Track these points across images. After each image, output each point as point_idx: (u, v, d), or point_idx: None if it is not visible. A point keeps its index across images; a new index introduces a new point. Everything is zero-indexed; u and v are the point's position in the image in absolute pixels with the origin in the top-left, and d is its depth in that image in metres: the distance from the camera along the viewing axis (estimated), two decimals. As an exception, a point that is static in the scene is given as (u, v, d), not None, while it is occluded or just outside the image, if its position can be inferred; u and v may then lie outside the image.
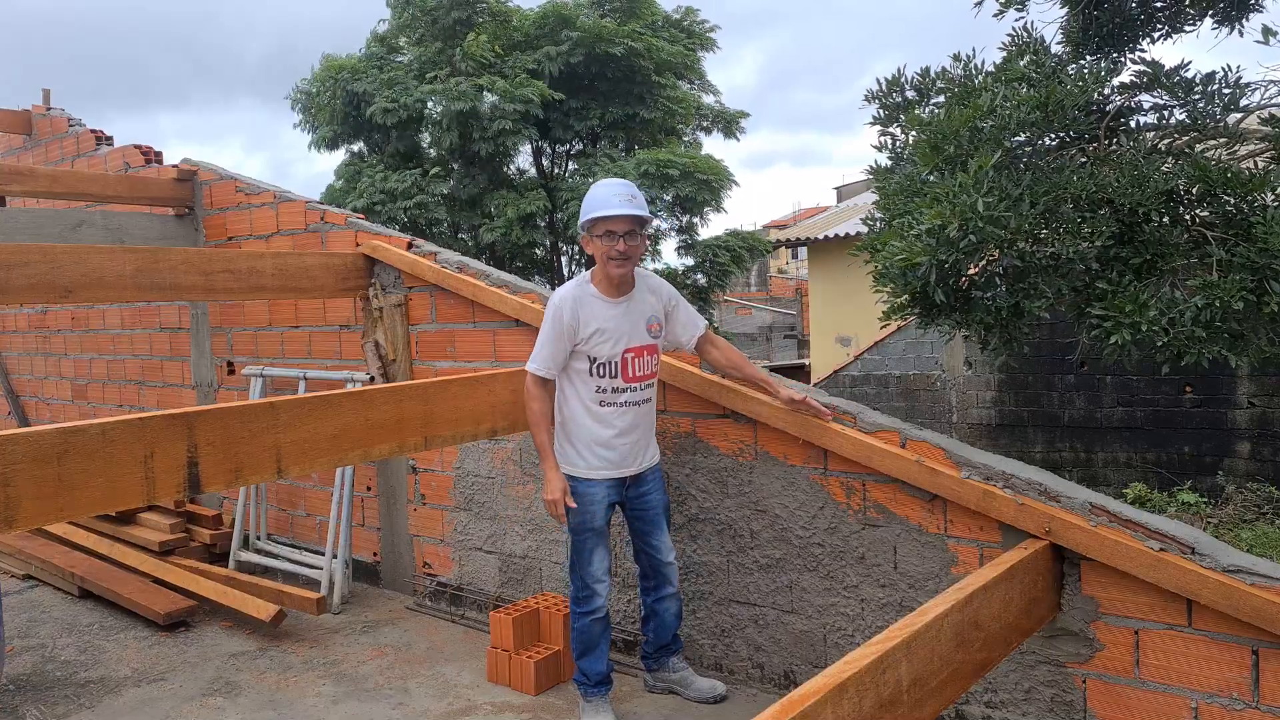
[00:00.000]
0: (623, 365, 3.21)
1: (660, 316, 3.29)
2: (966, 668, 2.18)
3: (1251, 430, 7.82)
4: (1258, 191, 2.57)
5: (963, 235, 2.56)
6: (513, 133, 12.41)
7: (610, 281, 3.19)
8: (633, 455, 3.28)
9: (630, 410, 3.24)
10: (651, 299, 3.28)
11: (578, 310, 3.18)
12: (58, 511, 2.24)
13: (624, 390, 3.22)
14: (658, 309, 3.29)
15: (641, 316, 3.24)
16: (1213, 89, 2.85)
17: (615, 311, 3.20)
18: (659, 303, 3.30)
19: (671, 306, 3.32)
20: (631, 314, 3.22)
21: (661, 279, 3.37)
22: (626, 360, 3.21)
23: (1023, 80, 3.00)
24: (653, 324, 3.26)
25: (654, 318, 3.27)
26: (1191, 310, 2.47)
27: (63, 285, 3.70)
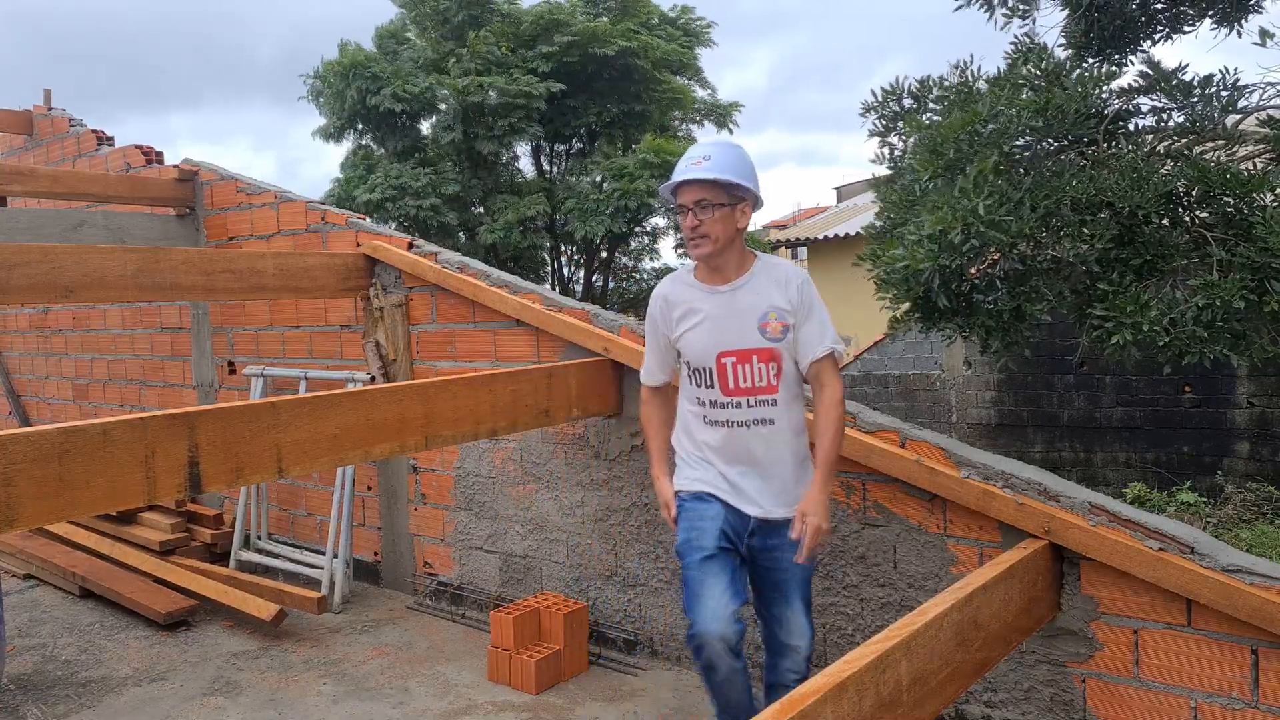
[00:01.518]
0: (719, 373, 2.53)
1: (787, 312, 2.51)
2: (966, 667, 2.18)
3: (1251, 430, 7.82)
4: (1257, 192, 2.58)
5: (965, 239, 2.58)
6: (518, 130, 12.42)
7: (705, 266, 2.60)
8: (755, 493, 2.56)
9: (740, 434, 2.54)
10: (775, 291, 2.52)
11: (670, 299, 2.65)
12: (59, 511, 2.24)
13: (725, 406, 2.53)
14: (781, 302, 2.51)
15: (753, 311, 2.51)
16: (1211, 91, 2.86)
17: (713, 302, 2.55)
18: (784, 296, 2.51)
19: (805, 306, 2.52)
20: (737, 306, 2.52)
21: (800, 270, 2.57)
22: (725, 367, 2.51)
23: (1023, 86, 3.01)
24: (770, 321, 2.50)
25: (774, 312, 2.51)
26: (1193, 310, 2.48)
27: (64, 285, 3.70)
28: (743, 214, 2.51)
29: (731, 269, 2.56)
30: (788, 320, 2.51)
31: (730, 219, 2.49)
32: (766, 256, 2.61)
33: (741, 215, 2.51)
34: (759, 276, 2.55)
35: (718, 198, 2.47)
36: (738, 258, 2.56)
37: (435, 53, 12.98)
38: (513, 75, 12.31)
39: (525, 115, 12.33)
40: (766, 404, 2.52)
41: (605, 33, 12.58)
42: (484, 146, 12.52)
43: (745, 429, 2.54)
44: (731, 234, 2.50)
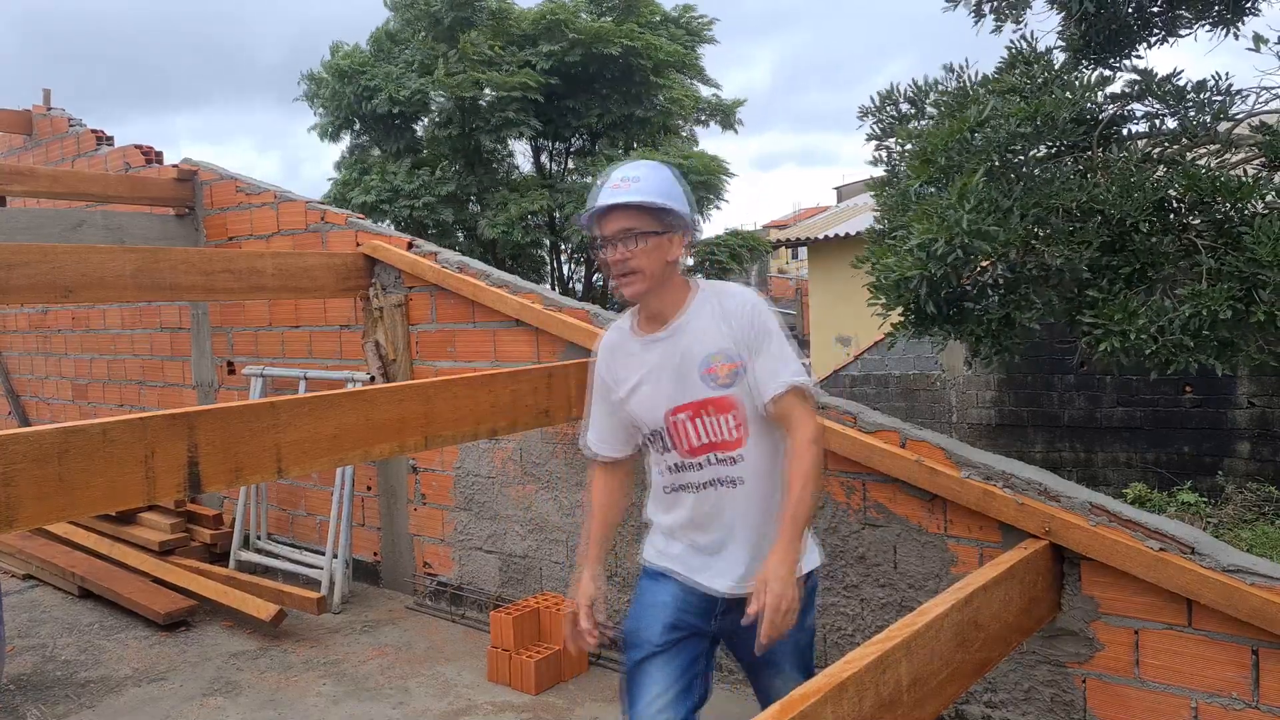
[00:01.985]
0: (673, 432, 2.16)
1: (732, 350, 2.10)
2: (966, 667, 2.18)
3: (1251, 430, 7.82)
4: (1247, 199, 2.58)
5: (950, 250, 2.58)
6: (515, 123, 12.43)
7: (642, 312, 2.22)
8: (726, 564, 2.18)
9: (707, 497, 2.17)
10: (713, 327, 2.12)
11: (612, 355, 2.28)
12: (58, 511, 2.24)
13: (687, 468, 2.17)
14: (724, 340, 2.11)
15: (695, 357, 2.12)
16: (1204, 97, 2.86)
17: (654, 353, 2.17)
18: (729, 331, 2.11)
19: (754, 337, 2.10)
20: (678, 353, 2.14)
21: (747, 295, 2.18)
22: (678, 424, 2.15)
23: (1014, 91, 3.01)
24: (715, 365, 2.11)
25: (718, 354, 2.11)
26: (1180, 319, 2.48)
27: (63, 285, 3.70)
28: (676, 244, 2.12)
29: (669, 309, 2.16)
30: (736, 360, 2.10)
31: (661, 251, 2.09)
32: (707, 285, 2.21)
33: (675, 245, 2.12)
34: (698, 313, 2.15)
35: (647, 225, 2.07)
36: (674, 294, 2.16)
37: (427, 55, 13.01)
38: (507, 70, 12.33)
39: (521, 108, 12.34)
40: (730, 461, 2.14)
41: (609, 33, 12.59)
42: (483, 140, 12.54)
43: (711, 490, 2.16)
44: (660, 269, 2.10)
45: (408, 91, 12.51)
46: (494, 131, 12.50)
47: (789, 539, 1.98)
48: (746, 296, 2.17)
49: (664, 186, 2.11)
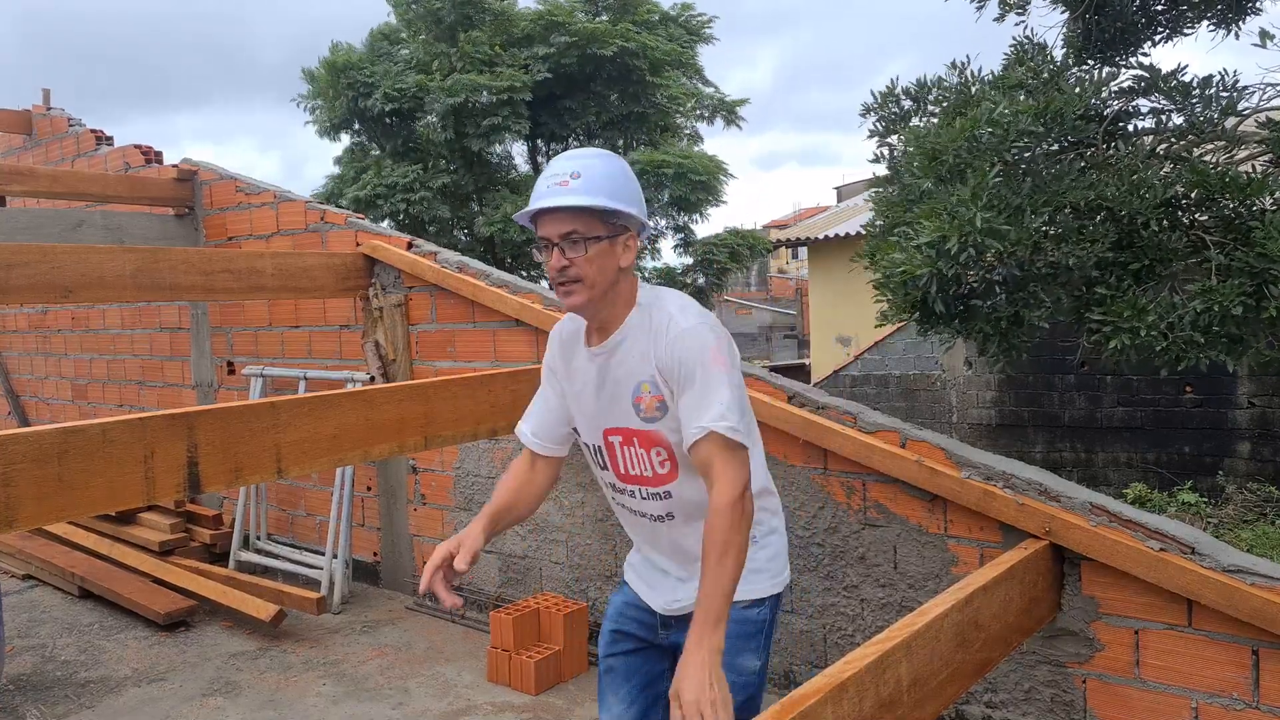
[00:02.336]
0: (609, 453, 2.00)
1: (658, 382, 1.85)
2: (967, 668, 2.18)
3: (1252, 430, 7.82)
4: (1256, 196, 2.57)
5: (962, 248, 2.57)
6: (503, 127, 12.44)
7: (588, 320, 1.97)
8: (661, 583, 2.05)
9: (643, 524, 2.03)
10: (642, 351, 1.86)
11: (565, 348, 2.05)
12: (58, 511, 2.24)
13: (623, 492, 2.02)
14: (650, 368, 1.85)
15: (623, 383, 1.90)
16: (1210, 93, 2.85)
17: (592, 368, 1.96)
18: (653, 358, 1.85)
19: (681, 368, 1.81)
20: (613, 374, 1.92)
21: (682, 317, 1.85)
22: (614, 446, 1.98)
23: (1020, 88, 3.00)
24: (643, 396, 1.87)
25: (646, 384, 1.87)
26: (1190, 315, 2.48)
27: (62, 285, 3.70)
28: (626, 248, 1.86)
29: (612, 322, 1.91)
30: (662, 392, 1.84)
31: (609, 258, 1.83)
32: (647, 296, 1.91)
33: (625, 250, 1.85)
34: (633, 331, 1.88)
35: (592, 229, 1.81)
36: (620, 307, 1.89)
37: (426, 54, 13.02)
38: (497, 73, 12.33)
39: (512, 111, 12.35)
40: (659, 497, 1.94)
41: (604, 33, 12.59)
42: (473, 144, 12.55)
43: (644, 519, 2.01)
44: (612, 276, 1.85)
45: (404, 86, 12.52)
46: (484, 136, 12.51)
47: (702, 629, 1.67)
48: (676, 318, 1.84)
49: (612, 183, 1.82)
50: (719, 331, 1.87)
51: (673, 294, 1.94)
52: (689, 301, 1.92)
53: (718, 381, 1.77)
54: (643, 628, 2.08)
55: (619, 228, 1.85)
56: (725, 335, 1.88)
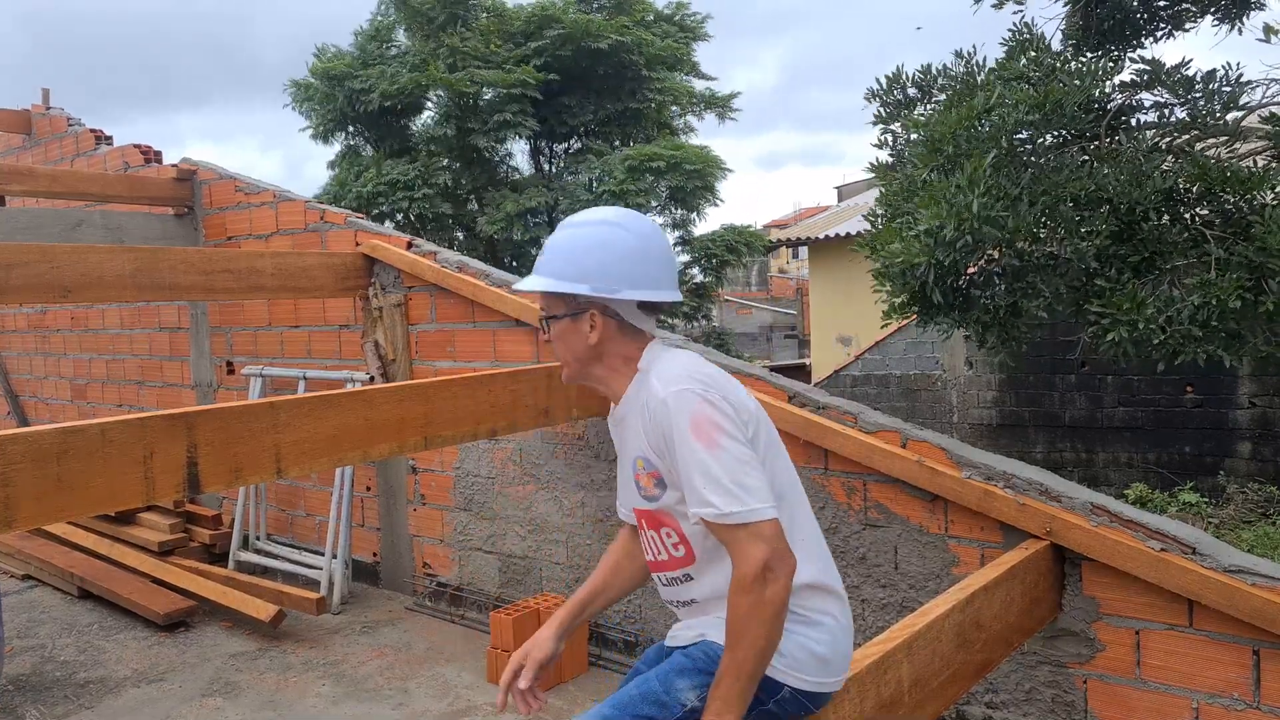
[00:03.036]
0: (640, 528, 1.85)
1: (649, 457, 1.71)
2: (967, 668, 2.17)
3: (1253, 430, 7.81)
4: (1257, 190, 2.57)
5: (959, 236, 2.56)
6: (513, 124, 12.41)
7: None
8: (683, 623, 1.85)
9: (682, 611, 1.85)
10: (637, 424, 1.74)
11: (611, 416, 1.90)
12: (57, 511, 2.23)
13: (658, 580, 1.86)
14: (644, 444, 1.72)
15: (628, 456, 1.80)
16: (1213, 87, 2.85)
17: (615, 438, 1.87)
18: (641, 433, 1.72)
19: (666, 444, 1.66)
20: (624, 445, 1.82)
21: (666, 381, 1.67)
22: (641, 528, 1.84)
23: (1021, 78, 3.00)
24: (639, 473, 1.76)
25: (640, 459, 1.74)
26: (1189, 308, 2.47)
27: (62, 285, 3.69)
28: (592, 327, 1.74)
29: (617, 393, 1.80)
30: (657, 469, 1.70)
31: (575, 335, 1.76)
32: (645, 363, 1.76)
33: (591, 329, 1.74)
34: (631, 404, 1.76)
35: (552, 308, 1.78)
36: (617, 378, 1.78)
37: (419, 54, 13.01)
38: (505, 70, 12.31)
39: (520, 108, 12.32)
40: (684, 580, 1.77)
41: (599, 27, 12.58)
42: (479, 141, 12.52)
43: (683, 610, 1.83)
44: (582, 354, 1.77)
45: (399, 85, 12.50)
46: (491, 132, 12.47)
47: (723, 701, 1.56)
48: (655, 388, 1.67)
49: (568, 261, 1.73)
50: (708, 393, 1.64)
51: (666, 356, 1.75)
52: (678, 361, 1.72)
53: (694, 459, 1.59)
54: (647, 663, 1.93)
55: (580, 305, 1.74)
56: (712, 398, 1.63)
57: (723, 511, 1.55)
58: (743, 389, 1.76)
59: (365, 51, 13.60)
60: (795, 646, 1.67)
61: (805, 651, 1.68)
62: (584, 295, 1.72)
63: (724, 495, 1.55)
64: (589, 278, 1.72)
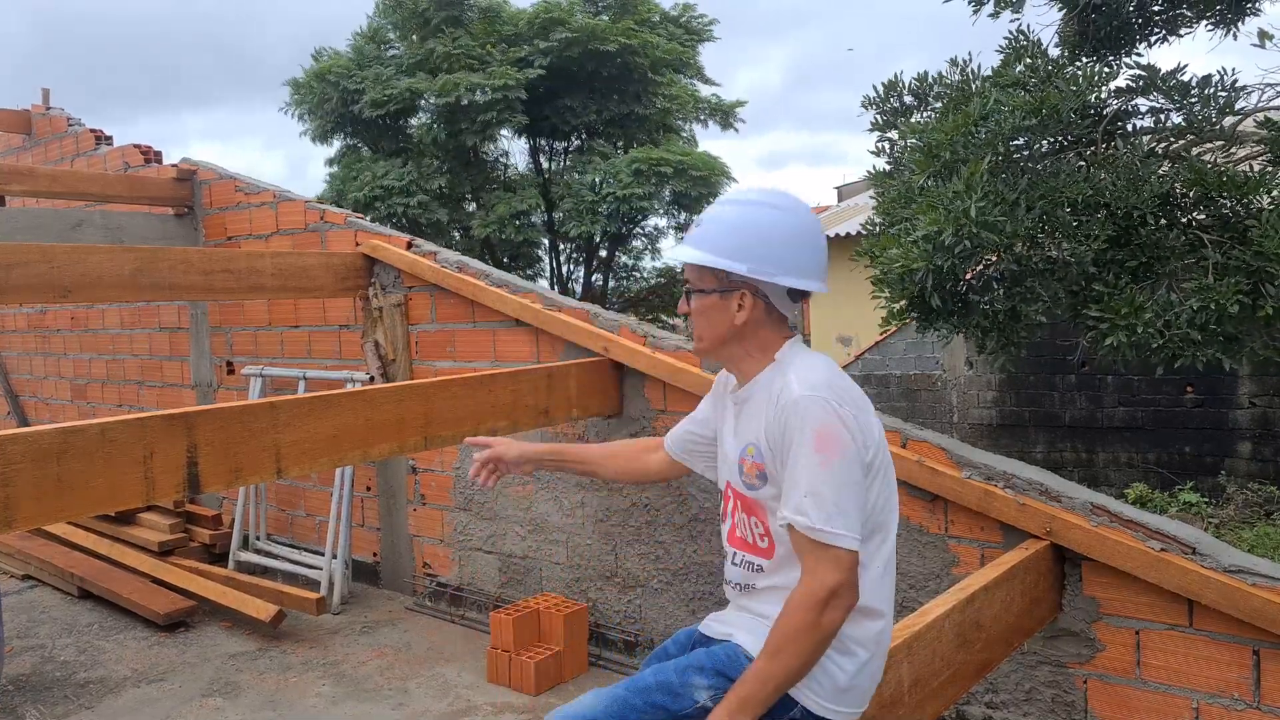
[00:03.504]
0: (724, 505, 1.86)
1: (762, 449, 1.71)
2: (967, 668, 2.18)
3: (1253, 430, 7.82)
4: (1253, 194, 2.58)
5: (958, 241, 2.57)
6: (499, 122, 12.40)
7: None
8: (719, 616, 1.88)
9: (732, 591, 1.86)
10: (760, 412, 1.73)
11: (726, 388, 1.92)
12: (57, 511, 2.23)
13: (726, 553, 1.87)
14: (762, 434, 1.71)
15: (742, 439, 1.79)
16: (1209, 92, 2.85)
17: (731, 414, 1.86)
18: (764, 424, 1.70)
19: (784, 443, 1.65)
20: (741, 426, 1.81)
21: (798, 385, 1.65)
22: (728, 500, 1.84)
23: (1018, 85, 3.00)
24: (746, 458, 1.75)
25: (752, 447, 1.74)
26: (1187, 313, 2.47)
27: (62, 285, 3.69)
28: (741, 307, 1.73)
29: (745, 374, 1.80)
30: (764, 463, 1.69)
31: (720, 312, 1.75)
32: (784, 356, 1.75)
33: (739, 309, 1.73)
34: (760, 390, 1.75)
35: (701, 282, 1.77)
36: (749, 362, 1.78)
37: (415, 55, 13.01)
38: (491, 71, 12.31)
39: (506, 107, 12.33)
40: (754, 569, 1.77)
41: (605, 30, 12.58)
42: (469, 140, 12.52)
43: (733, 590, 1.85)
44: (723, 333, 1.76)
45: (393, 91, 12.51)
46: (479, 131, 12.47)
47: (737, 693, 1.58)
48: (791, 385, 1.65)
49: (728, 237, 1.71)
50: (842, 409, 1.63)
51: (807, 357, 1.74)
52: (819, 367, 1.70)
53: (810, 467, 1.58)
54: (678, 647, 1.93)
55: (732, 283, 1.73)
56: (844, 415, 1.62)
57: (814, 525, 1.56)
58: (873, 411, 1.76)
59: (362, 54, 13.60)
60: (820, 670, 1.66)
61: (828, 677, 1.67)
62: (738, 274, 1.71)
63: (821, 510, 1.56)
64: (748, 257, 1.70)
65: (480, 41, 12.73)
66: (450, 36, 12.65)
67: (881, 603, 1.74)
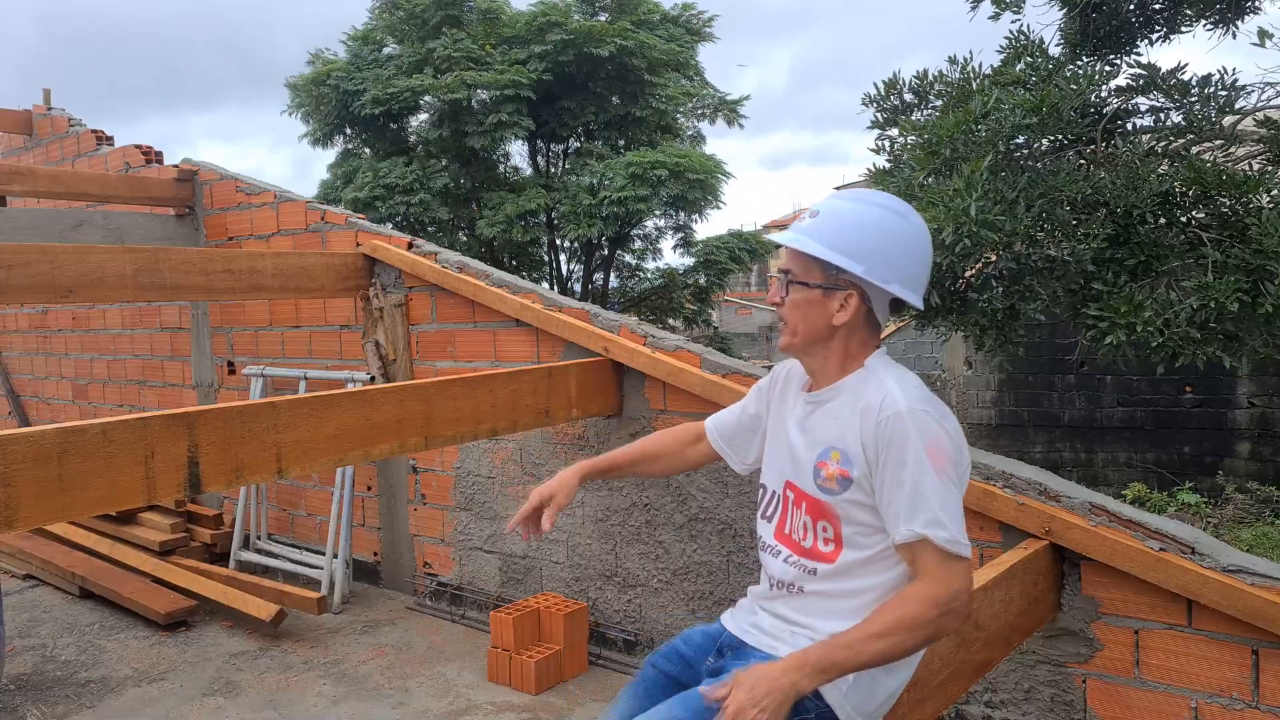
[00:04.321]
0: (781, 506, 1.82)
1: (852, 453, 1.67)
2: (966, 668, 2.18)
3: (1252, 430, 7.82)
4: (1253, 193, 2.58)
5: (957, 239, 2.57)
6: (509, 125, 12.39)
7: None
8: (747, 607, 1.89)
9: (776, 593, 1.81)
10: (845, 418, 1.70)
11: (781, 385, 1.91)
12: (58, 511, 2.24)
13: (768, 550, 1.83)
14: (851, 439, 1.67)
15: (813, 443, 1.75)
16: (1209, 91, 2.85)
17: (796, 413, 1.82)
18: (855, 430, 1.67)
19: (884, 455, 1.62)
20: (812, 427, 1.77)
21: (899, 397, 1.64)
22: (787, 501, 1.80)
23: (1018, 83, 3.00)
24: (828, 462, 1.71)
25: (837, 452, 1.70)
26: (1186, 311, 2.48)
27: (63, 285, 3.70)
28: (843, 307, 1.70)
29: (823, 377, 1.77)
30: (851, 469, 1.66)
31: (819, 309, 1.71)
32: (875, 364, 1.73)
33: (841, 309, 1.70)
34: (847, 394, 1.71)
35: (805, 274, 1.72)
36: (834, 363, 1.75)
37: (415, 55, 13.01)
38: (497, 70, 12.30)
39: (515, 108, 12.31)
40: (809, 572, 1.73)
41: (602, 32, 12.56)
42: (475, 142, 12.51)
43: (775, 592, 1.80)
44: (818, 330, 1.73)
45: (394, 89, 12.51)
46: (487, 133, 12.46)
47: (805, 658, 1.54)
48: (894, 394, 1.63)
49: (845, 234, 1.67)
50: (946, 423, 1.64)
51: (900, 370, 1.73)
52: (915, 381, 1.70)
53: (934, 479, 1.57)
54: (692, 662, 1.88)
55: (841, 281, 1.69)
56: (950, 433, 1.63)
57: (954, 538, 1.57)
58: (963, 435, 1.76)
59: (359, 56, 13.60)
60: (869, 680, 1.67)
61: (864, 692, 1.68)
62: (850, 274, 1.67)
63: (957, 523, 1.58)
64: (865, 259, 1.67)
65: (480, 43, 12.72)
66: (451, 38, 12.65)
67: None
